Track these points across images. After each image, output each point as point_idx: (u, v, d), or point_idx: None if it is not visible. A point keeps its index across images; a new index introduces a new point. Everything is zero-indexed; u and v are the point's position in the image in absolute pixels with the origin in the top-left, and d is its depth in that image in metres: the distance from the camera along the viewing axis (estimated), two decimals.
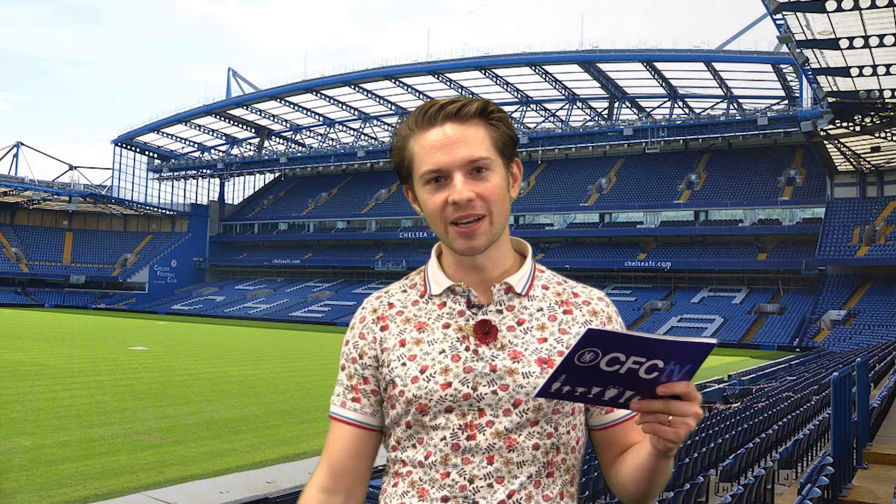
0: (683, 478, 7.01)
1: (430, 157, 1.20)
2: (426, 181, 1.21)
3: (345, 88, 65.10)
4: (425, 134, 1.21)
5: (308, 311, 61.34)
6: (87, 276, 72.33)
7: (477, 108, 1.22)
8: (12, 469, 10.02)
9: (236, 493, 8.90)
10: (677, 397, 1.00)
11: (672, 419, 1.01)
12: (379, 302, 1.32)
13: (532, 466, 1.20)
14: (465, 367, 1.21)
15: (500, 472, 1.18)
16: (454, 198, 1.18)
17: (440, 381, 1.20)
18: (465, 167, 1.19)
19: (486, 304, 1.26)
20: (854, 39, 25.21)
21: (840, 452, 5.35)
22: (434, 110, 1.21)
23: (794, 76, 48.89)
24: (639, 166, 61.95)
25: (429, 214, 1.23)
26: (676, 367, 0.96)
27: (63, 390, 17.05)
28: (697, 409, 1.01)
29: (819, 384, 15.25)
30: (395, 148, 1.27)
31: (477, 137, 1.21)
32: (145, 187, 78.22)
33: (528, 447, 1.19)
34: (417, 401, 1.21)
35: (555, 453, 1.22)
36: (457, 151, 1.19)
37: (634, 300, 52.43)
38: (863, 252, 44.81)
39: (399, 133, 1.26)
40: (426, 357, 1.23)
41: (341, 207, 72.76)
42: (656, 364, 0.95)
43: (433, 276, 1.30)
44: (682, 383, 0.99)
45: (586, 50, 54.50)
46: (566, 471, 1.24)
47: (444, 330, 1.24)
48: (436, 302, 1.28)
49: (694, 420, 1.01)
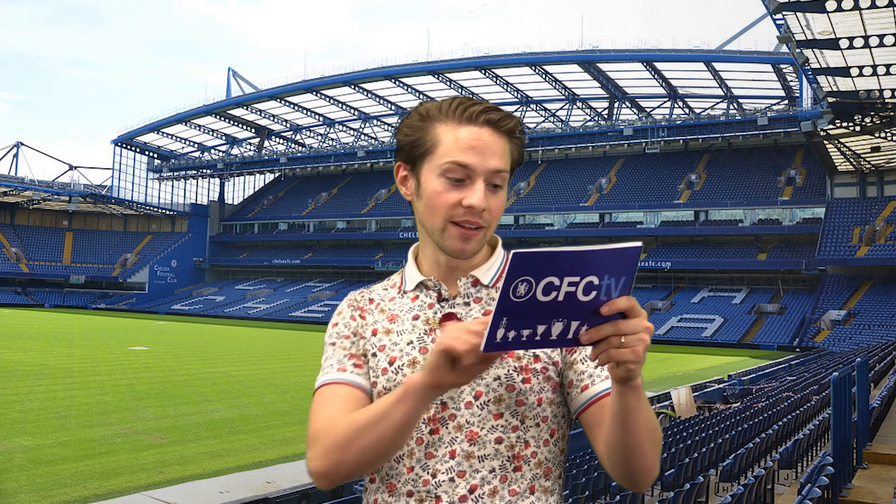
0: (683, 478, 7.01)
1: (462, 153, 1.18)
2: (444, 172, 1.19)
3: (345, 88, 65.12)
4: (460, 127, 1.20)
5: (308, 311, 61.35)
6: (87, 276, 72.34)
7: (513, 125, 1.22)
8: (12, 469, 10.02)
9: (236, 493, 8.90)
10: (623, 316, 0.97)
11: (625, 339, 0.96)
12: (361, 297, 1.34)
13: (495, 460, 1.18)
14: None
15: (462, 467, 1.17)
16: (472, 202, 1.18)
17: (407, 373, 1.21)
18: (489, 177, 1.20)
19: (453, 297, 1.26)
20: (854, 39, 25.21)
21: (840, 452, 5.35)
22: (477, 111, 1.20)
23: (794, 76, 48.90)
24: (639, 166, 61.97)
25: (431, 205, 1.21)
26: (612, 282, 0.93)
27: (63, 390, 17.05)
28: (647, 323, 0.98)
29: (819, 384, 15.26)
30: (412, 125, 1.24)
31: (504, 151, 1.21)
32: (145, 187, 78.27)
33: (491, 441, 1.18)
34: (386, 392, 1.21)
35: (522, 447, 1.20)
36: (488, 159, 1.19)
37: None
38: (863, 252, 44.81)
39: (423, 112, 1.24)
40: (394, 348, 1.24)
41: (341, 207, 72.77)
42: (591, 282, 0.92)
43: (408, 274, 1.32)
44: (623, 298, 0.96)
45: (586, 50, 54.51)
46: (537, 465, 1.21)
47: (412, 322, 1.26)
48: (409, 296, 1.29)
49: (647, 334, 0.97)
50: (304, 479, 9.54)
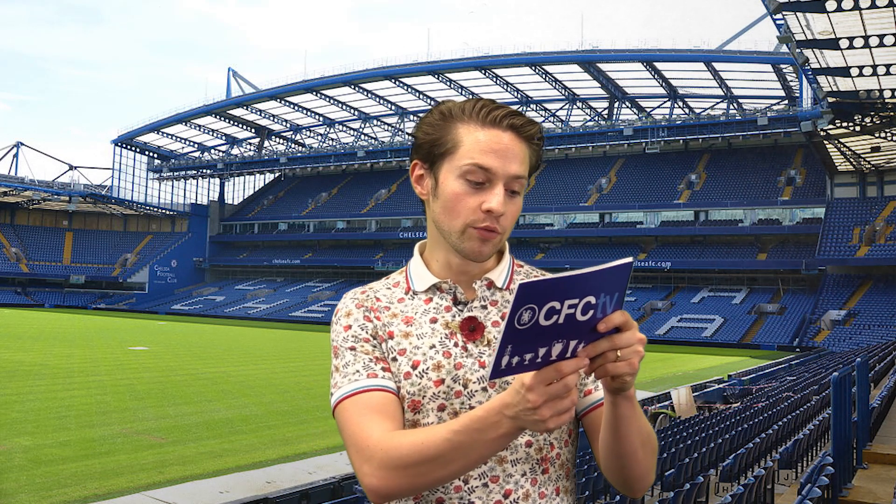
0: (683, 478, 7.01)
1: (483, 155, 1.17)
2: (464, 173, 1.18)
3: (345, 88, 65.12)
4: (483, 130, 1.19)
5: (308, 311, 61.34)
6: (87, 276, 72.34)
7: (535, 131, 1.22)
8: (12, 469, 10.02)
9: (236, 493, 8.90)
10: (618, 330, 0.98)
11: (621, 352, 0.98)
12: (365, 296, 1.28)
13: (526, 464, 1.18)
14: (456, 364, 1.20)
15: (495, 472, 1.17)
16: (493, 206, 1.17)
17: (433, 378, 1.19)
18: (508, 182, 1.19)
19: (470, 301, 1.25)
20: (854, 39, 25.21)
21: (840, 452, 5.35)
22: (501, 114, 1.19)
23: (794, 76, 48.90)
24: (639, 166, 61.98)
25: (450, 207, 1.20)
26: (607, 299, 0.96)
27: (63, 390, 17.06)
28: (640, 335, 0.99)
29: (819, 384, 15.26)
30: (433, 124, 1.22)
31: (524, 157, 1.21)
32: (145, 187, 78.27)
33: (521, 444, 1.19)
34: (411, 397, 1.19)
35: (549, 449, 1.21)
36: (509, 164, 1.18)
37: (634, 300, 52.43)
38: (863, 252, 44.81)
39: (445, 112, 1.22)
40: (416, 352, 1.21)
41: (341, 207, 72.78)
42: (589, 301, 0.94)
43: (417, 274, 1.28)
44: (617, 314, 0.97)
45: (586, 50, 54.52)
46: (561, 466, 1.23)
47: (431, 325, 1.23)
48: (421, 298, 1.26)
49: (641, 345, 0.99)
50: (304, 478, 9.55)
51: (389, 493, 1.09)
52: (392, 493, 1.09)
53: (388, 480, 1.07)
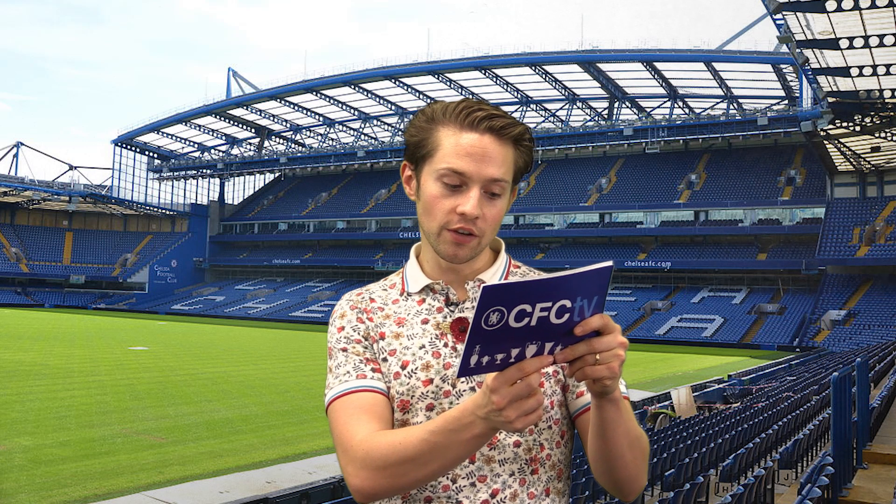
0: (683, 478, 7.01)
1: (458, 159, 1.18)
2: (441, 176, 1.19)
3: (345, 88, 65.12)
4: (461, 133, 1.19)
5: (308, 311, 61.34)
6: (87, 276, 72.34)
7: (518, 132, 1.21)
8: (12, 469, 10.02)
9: (236, 493, 8.90)
10: (597, 333, 0.96)
11: (600, 356, 0.97)
12: (360, 298, 1.30)
13: (514, 464, 1.19)
14: (445, 364, 1.21)
15: (483, 471, 1.17)
16: (465, 210, 1.17)
17: (422, 378, 1.20)
18: (485, 185, 1.18)
19: (461, 302, 1.26)
20: (854, 39, 25.21)
21: (840, 452, 5.34)
22: (479, 116, 1.18)
23: (794, 76, 48.90)
24: (639, 166, 61.97)
25: (428, 209, 1.21)
26: (584, 303, 0.93)
27: (63, 390, 17.05)
28: (622, 339, 0.98)
29: (819, 384, 15.25)
30: (419, 126, 1.23)
31: (506, 159, 1.20)
32: (145, 187, 78.27)
33: (509, 444, 1.19)
34: (400, 397, 1.20)
35: (538, 449, 1.21)
36: (485, 167, 1.17)
37: (634, 300, 52.43)
38: (863, 252, 44.80)
39: (429, 115, 1.23)
40: (406, 352, 1.22)
41: (341, 207, 72.77)
42: (564, 305, 0.92)
43: (411, 275, 1.30)
44: (596, 317, 0.95)
45: (586, 50, 54.51)
46: (551, 467, 1.22)
47: (422, 325, 1.24)
48: (415, 299, 1.28)
49: (622, 349, 0.97)
50: (304, 478, 9.55)
51: (373, 493, 1.10)
52: (375, 493, 1.10)
53: (369, 480, 1.08)
